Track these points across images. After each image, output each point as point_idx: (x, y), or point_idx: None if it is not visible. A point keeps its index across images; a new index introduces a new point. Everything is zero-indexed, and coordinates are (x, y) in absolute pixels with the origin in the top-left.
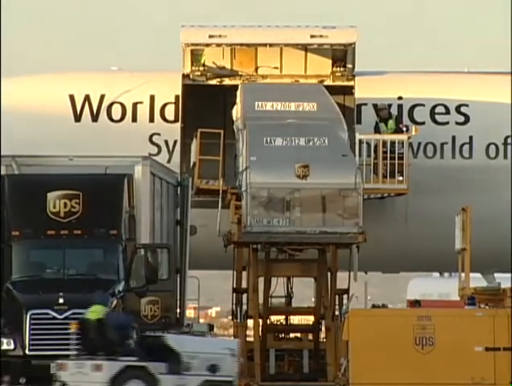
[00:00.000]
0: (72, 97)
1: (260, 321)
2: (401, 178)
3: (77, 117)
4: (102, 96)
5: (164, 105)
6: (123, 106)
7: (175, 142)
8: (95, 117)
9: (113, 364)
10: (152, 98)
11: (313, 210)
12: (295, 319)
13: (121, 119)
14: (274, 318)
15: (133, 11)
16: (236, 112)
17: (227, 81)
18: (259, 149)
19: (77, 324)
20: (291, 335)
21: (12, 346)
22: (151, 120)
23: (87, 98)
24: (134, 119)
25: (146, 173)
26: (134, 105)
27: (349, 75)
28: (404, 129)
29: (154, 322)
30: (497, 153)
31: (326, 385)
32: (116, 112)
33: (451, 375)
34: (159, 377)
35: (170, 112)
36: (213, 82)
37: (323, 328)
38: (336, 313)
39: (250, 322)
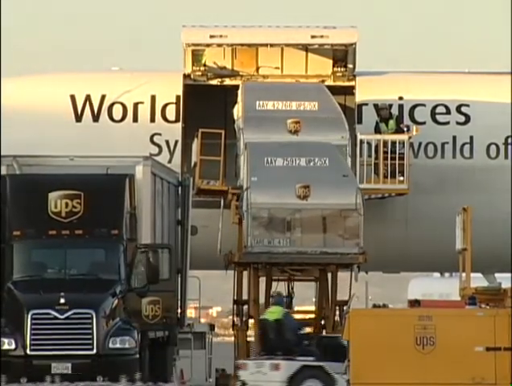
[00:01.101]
0: (72, 97)
1: None
2: (401, 178)
3: (78, 117)
4: (103, 97)
5: (165, 105)
6: (124, 106)
7: (176, 142)
8: (96, 117)
9: (290, 364)
10: (153, 98)
11: (314, 230)
12: None
13: (122, 119)
14: None
15: (133, 11)
16: (237, 111)
17: (228, 81)
18: (260, 170)
19: (256, 325)
20: None
21: (13, 346)
22: (152, 120)
23: (88, 98)
24: (135, 119)
25: (147, 173)
26: (135, 105)
27: (350, 75)
28: (405, 129)
29: (155, 322)
30: (498, 154)
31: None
32: (117, 112)
33: (451, 375)
34: (336, 377)
35: (171, 113)
36: (214, 82)
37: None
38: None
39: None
